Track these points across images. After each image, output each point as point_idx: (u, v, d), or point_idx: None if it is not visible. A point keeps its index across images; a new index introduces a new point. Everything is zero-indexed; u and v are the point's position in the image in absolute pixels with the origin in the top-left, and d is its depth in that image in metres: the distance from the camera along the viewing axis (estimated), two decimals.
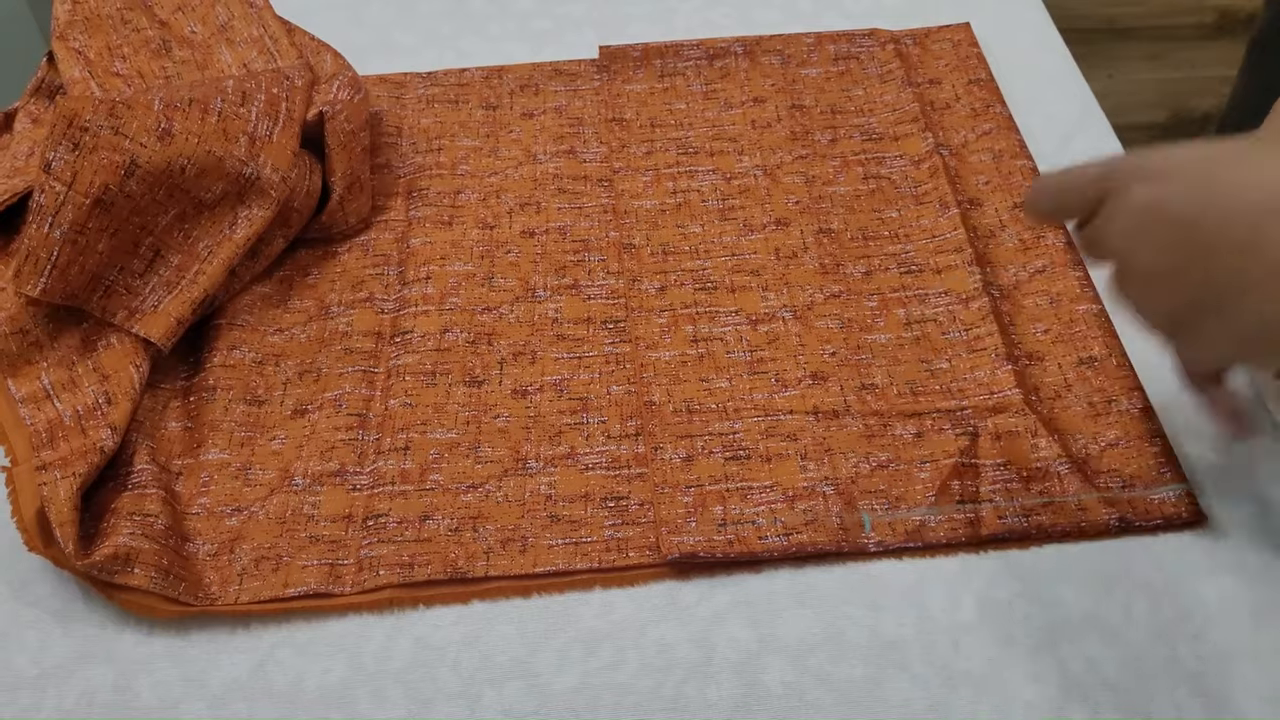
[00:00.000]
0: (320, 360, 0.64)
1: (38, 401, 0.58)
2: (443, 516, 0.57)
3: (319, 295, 0.67)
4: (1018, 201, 0.69)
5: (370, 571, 0.55)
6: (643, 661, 0.52)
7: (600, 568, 0.55)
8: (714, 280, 0.66)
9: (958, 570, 0.55)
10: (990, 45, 0.81)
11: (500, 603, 0.55)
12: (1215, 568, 0.54)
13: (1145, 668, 0.51)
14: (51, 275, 0.58)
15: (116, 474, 0.57)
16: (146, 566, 0.53)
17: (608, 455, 0.59)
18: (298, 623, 0.54)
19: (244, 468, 0.59)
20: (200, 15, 0.76)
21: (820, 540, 0.55)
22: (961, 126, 0.74)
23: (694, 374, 0.62)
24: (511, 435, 0.60)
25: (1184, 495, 0.56)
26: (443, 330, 0.64)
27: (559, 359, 0.63)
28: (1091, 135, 0.75)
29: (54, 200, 0.58)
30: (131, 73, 0.72)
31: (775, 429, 0.59)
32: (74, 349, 0.60)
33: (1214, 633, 0.52)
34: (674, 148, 0.74)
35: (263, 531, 0.57)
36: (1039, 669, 0.51)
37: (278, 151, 0.64)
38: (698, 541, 0.55)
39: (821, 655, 0.52)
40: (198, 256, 0.63)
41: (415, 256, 0.68)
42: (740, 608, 0.54)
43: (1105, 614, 0.53)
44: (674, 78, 0.79)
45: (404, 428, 0.60)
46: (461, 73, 0.80)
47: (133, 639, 0.54)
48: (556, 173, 0.73)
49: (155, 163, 0.60)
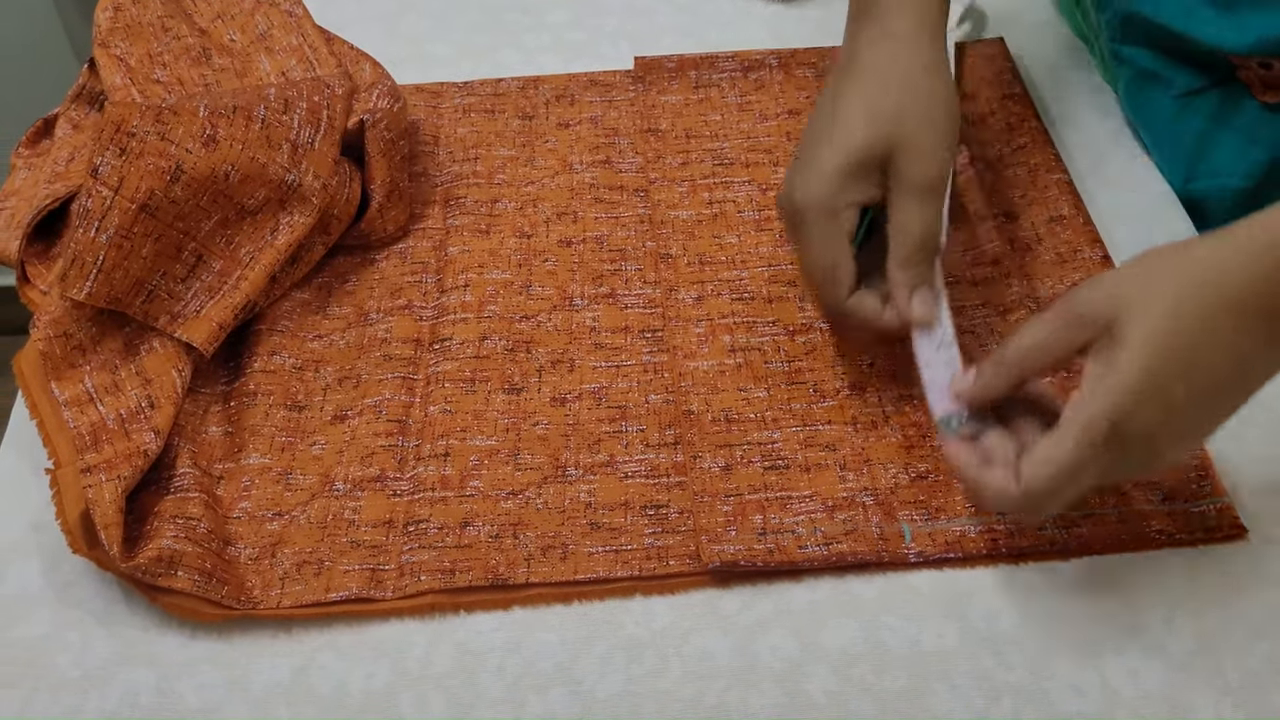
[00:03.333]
0: (360, 366, 0.64)
1: (81, 404, 0.59)
2: (483, 523, 0.57)
3: (358, 302, 0.67)
4: (1054, 215, 0.69)
5: (411, 577, 0.55)
6: (685, 669, 0.52)
7: (641, 575, 0.55)
8: (751, 290, 0.66)
9: (998, 581, 0.55)
10: (1023, 60, 0.81)
11: (541, 609, 0.55)
12: (1258, 581, 0.54)
13: (1188, 680, 0.51)
14: (97, 279, 0.59)
15: (159, 478, 0.58)
16: (189, 569, 0.53)
17: (647, 464, 0.59)
18: (339, 627, 0.54)
19: (285, 473, 0.59)
20: (240, 24, 0.76)
21: (860, 550, 0.55)
22: (996, 140, 0.74)
23: (732, 383, 0.62)
24: (551, 443, 0.60)
25: (1224, 508, 0.56)
26: (481, 338, 0.65)
27: (597, 367, 0.63)
28: (1124, 150, 0.75)
29: (101, 205, 0.58)
30: (172, 80, 0.72)
31: (814, 439, 0.59)
32: (117, 353, 0.61)
33: (1258, 646, 0.52)
34: (709, 159, 0.74)
35: (304, 536, 0.57)
36: (1081, 681, 0.51)
37: (319, 159, 0.65)
38: (738, 550, 0.55)
39: (864, 666, 0.52)
40: (240, 262, 0.63)
41: (453, 264, 0.68)
42: (782, 617, 0.54)
43: (1147, 626, 0.53)
44: (709, 89, 0.79)
45: (444, 434, 0.60)
46: (497, 83, 0.80)
47: (175, 642, 0.54)
48: (593, 182, 0.73)
49: (200, 169, 0.60)
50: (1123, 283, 0.49)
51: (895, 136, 0.56)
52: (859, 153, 0.56)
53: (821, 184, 0.56)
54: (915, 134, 0.56)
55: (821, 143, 0.57)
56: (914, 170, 0.56)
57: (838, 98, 0.58)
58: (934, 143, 0.57)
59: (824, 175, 0.56)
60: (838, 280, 0.58)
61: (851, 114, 0.57)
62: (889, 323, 0.58)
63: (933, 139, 0.57)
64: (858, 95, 0.57)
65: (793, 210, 0.58)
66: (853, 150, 0.56)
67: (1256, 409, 0.60)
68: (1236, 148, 0.70)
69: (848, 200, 0.57)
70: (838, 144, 0.57)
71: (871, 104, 0.57)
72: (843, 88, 0.58)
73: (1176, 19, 0.69)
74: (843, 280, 0.58)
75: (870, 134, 0.56)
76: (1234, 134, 0.70)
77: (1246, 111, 0.69)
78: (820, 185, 0.56)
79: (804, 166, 0.58)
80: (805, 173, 0.57)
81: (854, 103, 0.57)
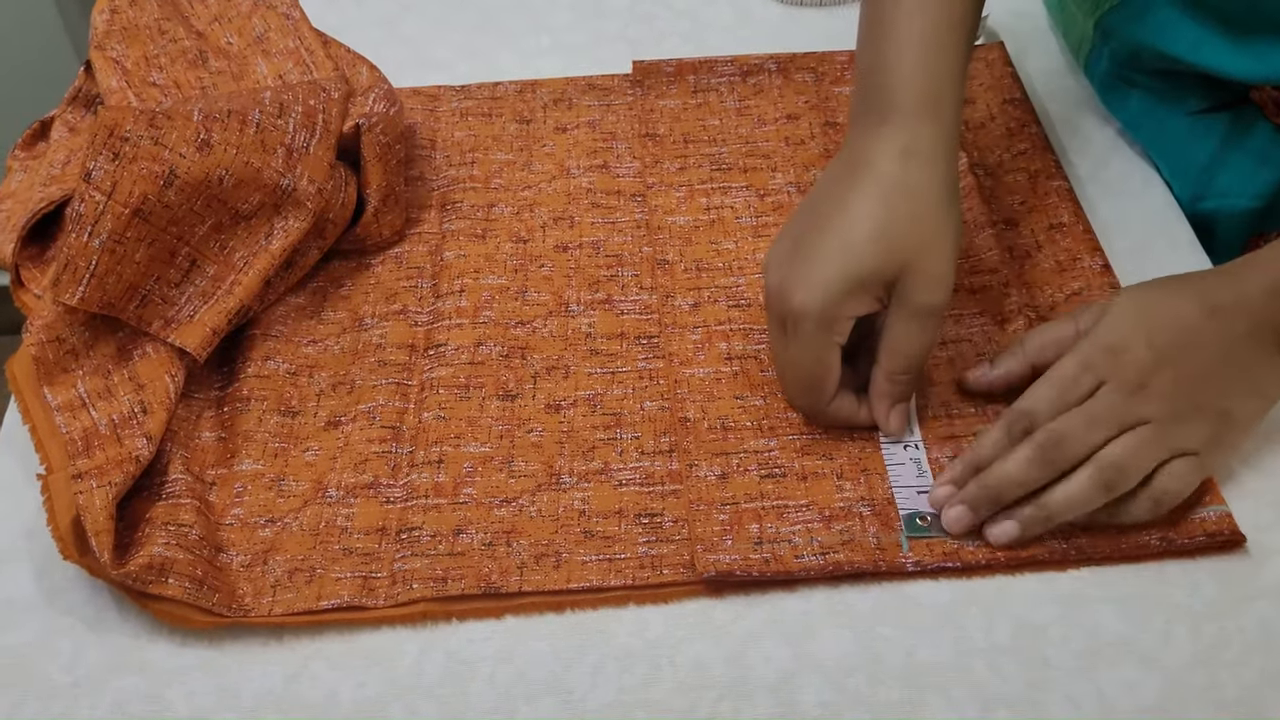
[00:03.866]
0: (354, 372, 0.64)
1: (73, 409, 0.58)
2: (476, 531, 0.57)
3: (352, 307, 0.67)
4: (1053, 223, 0.69)
5: (404, 585, 0.55)
6: (677, 680, 0.52)
7: (634, 585, 0.55)
8: (748, 297, 0.66)
9: (995, 592, 0.54)
10: (1023, 65, 0.81)
11: (533, 618, 0.54)
12: (1256, 594, 0.54)
13: (1184, 694, 0.51)
14: (90, 284, 0.58)
15: (151, 483, 0.57)
16: (181, 577, 0.53)
17: (641, 471, 0.59)
18: (331, 635, 0.54)
19: (277, 479, 0.59)
20: (237, 27, 0.76)
21: (857, 559, 0.55)
22: (996, 146, 0.74)
23: (728, 391, 0.62)
24: (545, 450, 0.60)
25: (1224, 516, 0.55)
26: (476, 344, 0.64)
27: (592, 374, 0.63)
28: (1125, 156, 0.75)
29: (94, 209, 0.58)
30: (168, 83, 0.72)
31: (811, 448, 0.59)
32: (110, 358, 0.61)
33: (1255, 660, 0.52)
34: (707, 164, 0.74)
35: (296, 543, 0.57)
36: (1076, 693, 0.51)
37: (314, 163, 0.64)
38: (734, 560, 0.55)
39: (859, 677, 0.52)
40: (234, 267, 0.63)
41: (449, 269, 0.68)
42: (775, 627, 0.53)
43: (1144, 639, 0.53)
44: (707, 94, 0.79)
45: (437, 441, 0.60)
46: (495, 86, 0.80)
47: (166, 649, 0.54)
48: (590, 187, 0.73)
49: (194, 173, 0.60)
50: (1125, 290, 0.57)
51: (906, 261, 0.55)
52: (868, 272, 0.55)
53: (824, 293, 0.55)
54: (926, 260, 0.55)
55: (828, 245, 0.56)
56: (921, 295, 0.56)
57: (850, 203, 0.56)
58: (944, 270, 0.56)
59: (828, 285, 0.55)
60: (823, 389, 0.58)
61: (864, 229, 0.55)
62: (864, 421, 0.59)
63: (943, 266, 0.56)
64: (872, 209, 0.55)
65: (788, 312, 0.56)
66: (864, 268, 0.55)
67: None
68: (1247, 169, 0.69)
69: (849, 313, 0.56)
70: (847, 257, 0.55)
71: (887, 224, 0.55)
72: (856, 194, 0.56)
73: (1188, 52, 0.68)
74: (828, 390, 0.58)
75: (882, 256, 0.55)
76: (1245, 155, 0.69)
77: (1259, 134, 0.69)
78: (823, 295, 0.55)
79: (804, 265, 0.56)
80: (807, 275, 0.55)
81: (867, 217, 0.55)
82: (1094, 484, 0.53)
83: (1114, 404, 0.54)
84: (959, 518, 0.55)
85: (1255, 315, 0.54)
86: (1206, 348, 0.54)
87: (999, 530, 0.54)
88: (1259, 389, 0.55)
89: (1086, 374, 0.55)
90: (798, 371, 0.58)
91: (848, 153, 0.59)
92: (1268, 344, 0.54)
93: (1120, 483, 0.53)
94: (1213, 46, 0.66)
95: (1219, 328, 0.54)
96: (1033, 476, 0.54)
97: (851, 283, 0.55)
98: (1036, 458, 0.54)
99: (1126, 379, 0.54)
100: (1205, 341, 0.54)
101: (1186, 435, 0.54)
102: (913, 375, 0.58)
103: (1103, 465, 0.53)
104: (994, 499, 0.54)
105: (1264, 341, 0.54)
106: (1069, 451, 0.53)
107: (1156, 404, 0.54)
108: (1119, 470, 0.53)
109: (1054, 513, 0.54)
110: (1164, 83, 0.72)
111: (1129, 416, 0.54)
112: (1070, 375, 0.55)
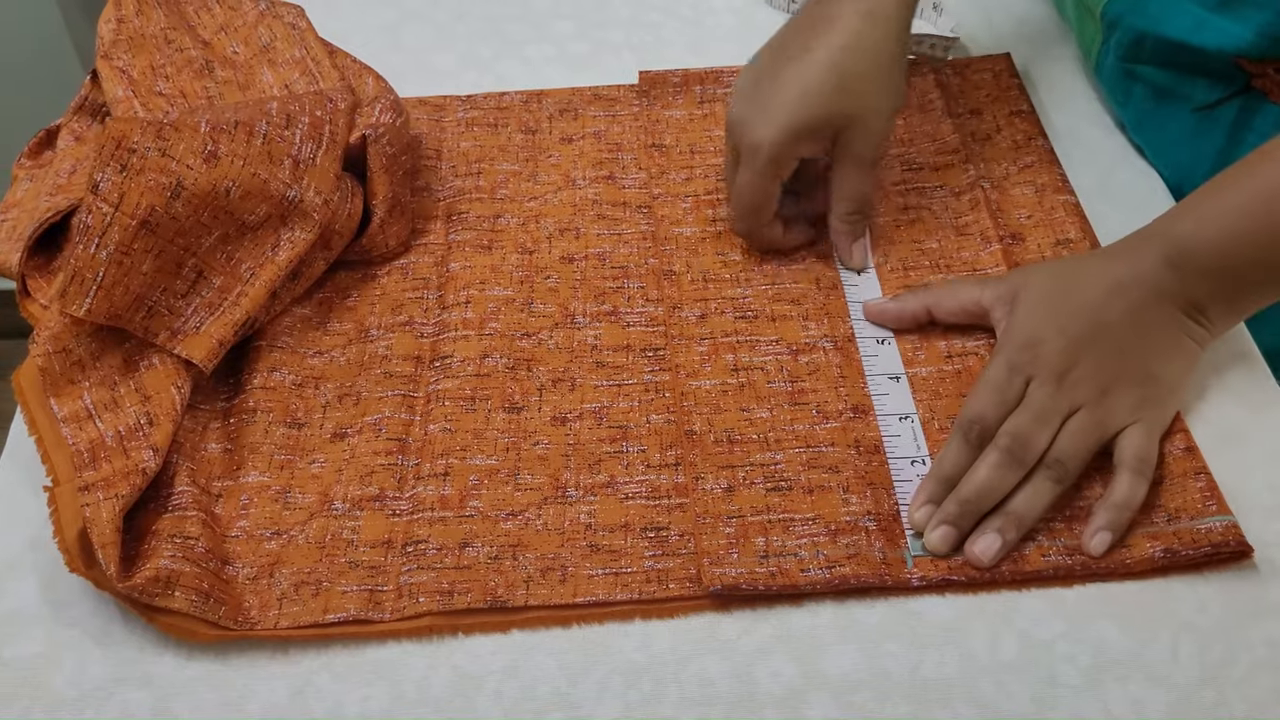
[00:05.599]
0: (360, 384, 0.64)
1: (80, 421, 0.58)
2: (482, 544, 0.57)
3: (358, 318, 0.67)
4: (1060, 238, 0.68)
5: (410, 598, 0.54)
6: (683, 695, 0.52)
7: (641, 599, 0.55)
8: (754, 309, 0.66)
9: (1000, 608, 0.54)
10: (1029, 76, 0.81)
11: (539, 632, 0.54)
12: (1264, 611, 0.54)
13: (1192, 711, 0.51)
14: (96, 295, 0.58)
15: (157, 495, 0.57)
16: (187, 590, 0.53)
17: (647, 485, 0.59)
18: (336, 649, 0.54)
19: (284, 491, 0.59)
20: (243, 36, 0.76)
21: (863, 574, 0.55)
22: (1003, 159, 0.74)
23: (734, 403, 0.62)
24: (551, 463, 0.60)
25: (1230, 526, 0.55)
26: (482, 355, 0.64)
27: (598, 386, 0.63)
28: (1132, 168, 0.75)
29: (101, 221, 0.58)
30: (174, 92, 0.72)
31: (817, 460, 0.59)
32: (116, 369, 0.61)
33: (1263, 677, 0.51)
34: (713, 174, 0.74)
35: (302, 556, 0.56)
36: (1084, 710, 0.51)
37: (321, 174, 0.64)
38: (740, 574, 0.54)
39: (866, 693, 0.52)
40: (240, 278, 0.63)
41: (454, 281, 0.68)
42: (783, 642, 0.53)
43: (1151, 655, 0.52)
44: (713, 104, 0.79)
45: (443, 453, 0.60)
46: (501, 96, 0.80)
47: (172, 662, 0.54)
48: (596, 198, 0.73)
49: (201, 185, 0.60)
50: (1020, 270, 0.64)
51: (853, 113, 0.64)
52: (819, 121, 0.63)
53: (778, 133, 0.63)
54: (870, 113, 0.64)
55: (788, 89, 0.63)
56: (862, 146, 0.65)
57: (812, 51, 0.63)
58: (883, 126, 0.65)
59: (781, 126, 0.63)
60: (761, 214, 0.66)
61: (821, 80, 0.63)
62: (788, 243, 0.69)
63: (883, 122, 0.65)
64: (832, 61, 0.63)
65: (744, 145, 0.64)
66: (815, 117, 0.63)
67: (1262, 432, 0.60)
68: None
69: (798, 154, 0.64)
70: (804, 103, 0.63)
71: (842, 78, 0.63)
72: (818, 44, 0.64)
73: (1188, 33, 0.69)
74: (765, 216, 0.66)
75: (834, 105, 0.63)
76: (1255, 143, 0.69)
77: (1266, 119, 0.69)
78: (776, 133, 0.63)
79: (764, 102, 0.64)
80: (765, 112, 0.64)
81: (827, 68, 0.63)
82: (1046, 480, 0.56)
83: (1047, 396, 0.57)
84: (944, 537, 0.55)
85: (1155, 286, 0.58)
86: (1116, 324, 0.58)
87: (981, 548, 0.55)
88: (1177, 346, 0.59)
89: (1015, 375, 0.58)
90: (743, 197, 0.66)
91: (815, 4, 0.66)
92: (1169, 307, 0.58)
93: (1066, 474, 0.56)
94: (1212, 26, 0.68)
95: (1123, 303, 0.58)
96: (1008, 479, 0.56)
97: (803, 128, 0.63)
98: (1005, 460, 0.56)
99: (1051, 371, 0.57)
100: (1113, 319, 0.58)
101: (1120, 408, 0.57)
102: (863, 214, 0.68)
103: (1049, 462, 0.56)
104: (975, 510, 0.56)
105: (1166, 306, 0.58)
106: (1034, 447, 0.56)
107: (1084, 388, 0.57)
108: (1062, 465, 0.56)
109: (1022, 516, 0.56)
110: (1168, 77, 0.72)
111: (1064, 404, 0.57)
112: (1002, 378, 0.58)
